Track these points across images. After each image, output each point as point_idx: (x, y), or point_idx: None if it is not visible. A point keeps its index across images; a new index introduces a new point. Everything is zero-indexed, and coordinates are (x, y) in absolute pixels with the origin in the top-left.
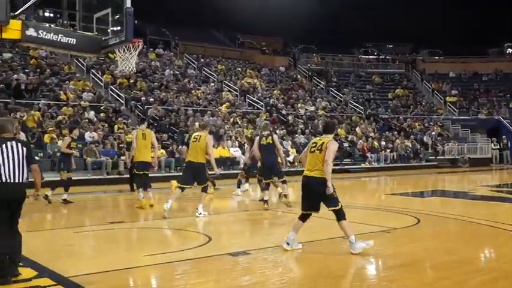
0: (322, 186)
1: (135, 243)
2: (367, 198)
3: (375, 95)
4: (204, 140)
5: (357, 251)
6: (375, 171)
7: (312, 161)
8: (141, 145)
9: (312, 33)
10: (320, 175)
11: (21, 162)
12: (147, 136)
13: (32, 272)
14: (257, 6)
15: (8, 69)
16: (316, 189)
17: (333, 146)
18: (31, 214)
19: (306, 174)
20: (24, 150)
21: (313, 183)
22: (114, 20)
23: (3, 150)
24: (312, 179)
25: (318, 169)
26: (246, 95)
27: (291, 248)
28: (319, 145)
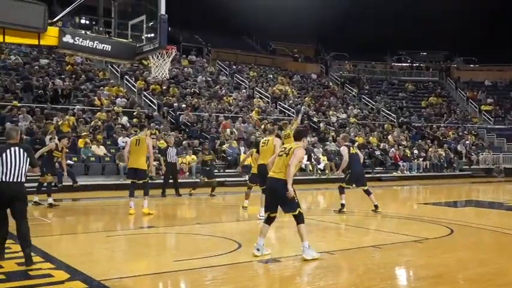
0: (283, 189)
1: (165, 248)
2: (398, 207)
3: (408, 103)
4: (271, 143)
5: (308, 257)
6: (407, 179)
7: (279, 164)
8: (133, 151)
9: (344, 40)
10: (283, 177)
11: (20, 165)
12: (141, 143)
13: (65, 275)
14: (289, 14)
15: (45, 75)
16: (277, 190)
17: (299, 152)
18: (64, 218)
19: (271, 175)
20: (24, 154)
21: (275, 184)
22: (148, 27)
23: (7, 154)
24: (275, 180)
25: (282, 172)
26: (277, 102)
27: (260, 253)
28: (287, 149)
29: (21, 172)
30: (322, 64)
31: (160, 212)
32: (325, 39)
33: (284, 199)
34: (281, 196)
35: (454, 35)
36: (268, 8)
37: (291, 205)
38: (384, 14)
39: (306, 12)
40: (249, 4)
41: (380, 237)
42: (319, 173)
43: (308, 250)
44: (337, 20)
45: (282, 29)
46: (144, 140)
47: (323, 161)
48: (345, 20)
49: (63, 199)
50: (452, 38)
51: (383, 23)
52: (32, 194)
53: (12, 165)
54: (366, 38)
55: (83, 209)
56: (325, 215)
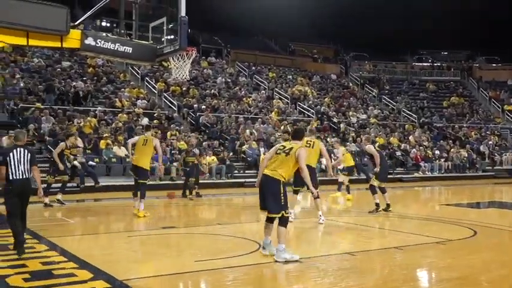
0: (272, 187)
1: (187, 248)
2: (420, 208)
3: (429, 103)
4: (318, 145)
5: (279, 259)
6: (428, 180)
7: (275, 163)
8: (139, 150)
9: (364, 40)
10: (276, 176)
11: (26, 164)
12: (148, 142)
13: (88, 274)
14: (309, 14)
15: (67, 77)
16: (267, 187)
17: (303, 153)
18: (86, 218)
19: (265, 172)
20: (28, 155)
21: (266, 182)
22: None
23: (14, 154)
24: (268, 177)
25: (276, 170)
26: (296, 103)
27: (267, 252)
28: (288, 149)
29: (26, 170)
30: (341, 64)
31: (181, 212)
32: (344, 40)
33: (270, 198)
34: (269, 195)
35: (476, 33)
36: (287, 9)
37: (275, 206)
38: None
39: (325, 13)
40: (268, 5)
41: (401, 238)
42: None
43: (280, 252)
44: (356, 20)
45: (301, 29)
46: (151, 141)
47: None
48: (365, 19)
49: (85, 199)
50: (474, 37)
51: (403, 23)
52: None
53: (19, 164)
54: (386, 38)
55: (104, 209)
56: (345, 215)
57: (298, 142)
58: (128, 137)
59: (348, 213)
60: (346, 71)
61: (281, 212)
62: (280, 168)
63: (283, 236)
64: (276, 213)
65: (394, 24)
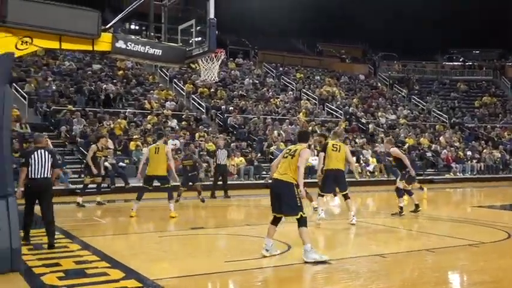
0: (287, 190)
1: (216, 249)
2: (452, 210)
3: (460, 103)
4: (343, 149)
5: (309, 259)
6: (460, 182)
7: (284, 166)
8: (153, 159)
9: (393, 40)
10: (288, 179)
11: (46, 165)
12: (160, 150)
13: (120, 274)
14: (336, 14)
15: (97, 79)
16: (281, 192)
17: (306, 153)
18: (117, 218)
19: (275, 177)
20: (49, 156)
21: (279, 186)
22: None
23: (35, 156)
24: (280, 181)
25: (287, 174)
26: (324, 104)
27: (269, 254)
28: (292, 151)
29: (46, 170)
30: (370, 64)
31: (210, 213)
32: (373, 40)
33: (286, 201)
34: (284, 198)
35: (508, 32)
36: (315, 9)
37: (292, 208)
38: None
39: (353, 13)
40: (295, 5)
41: (433, 240)
42: (368, 175)
43: (309, 253)
44: (385, 20)
45: (329, 29)
46: (163, 148)
47: (372, 163)
48: (393, 19)
49: (115, 200)
50: (506, 35)
51: (433, 22)
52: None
53: (39, 164)
54: (416, 37)
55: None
56: (375, 217)
57: (304, 144)
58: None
59: (378, 215)
60: (375, 71)
61: (299, 213)
62: (289, 171)
63: (307, 236)
64: (294, 214)
65: (423, 23)
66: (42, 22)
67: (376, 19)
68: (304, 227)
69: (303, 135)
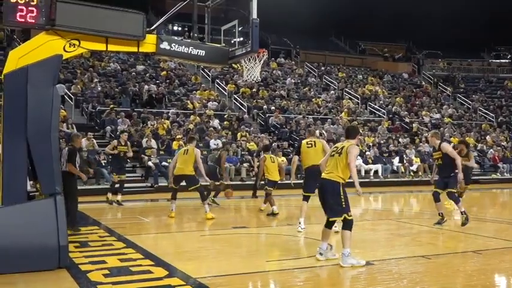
0: (331, 191)
1: (258, 248)
2: (499, 211)
3: (508, 101)
4: (319, 143)
5: (345, 264)
6: (507, 182)
7: (330, 165)
8: (181, 160)
9: (437, 37)
10: (334, 178)
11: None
12: (189, 152)
13: (164, 272)
14: (378, 12)
15: (141, 80)
16: (326, 192)
17: (354, 150)
18: (160, 217)
19: (323, 176)
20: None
21: (325, 186)
22: (240, 31)
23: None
24: (327, 181)
25: (333, 172)
26: (367, 103)
27: (324, 258)
28: (339, 149)
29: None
30: (413, 63)
31: (251, 212)
32: (416, 37)
33: (330, 202)
34: (328, 199)
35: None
36: (356, 8)
37: (336, 210)
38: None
39: (396, 11)
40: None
41: (479, 242)
42: (412, 175)
43: (346, 258)
44: (429, 17)
45: (371, 28)
46: (192, 150)
47: (416, 163)
48: (438, 16)
49: (158, 199)
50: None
51: (479, 18)
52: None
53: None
54: (461, 34)
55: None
56: (418, 218)
57: (352, 141)
58: (200, 139)
59: (422, 215)
60: (419, 70)
61: (343, 214)
62: (335, 170)
63: (348, 240)
64: (338, 216)
65: (469, 19)
66: (89, 25)
67: (419, 16)
68: (348, 231)
69: (351, 131)
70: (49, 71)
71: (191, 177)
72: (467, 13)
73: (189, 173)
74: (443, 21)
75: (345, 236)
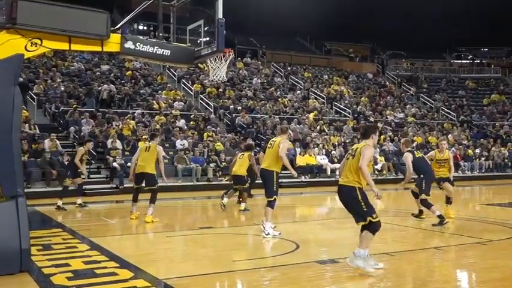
0: (349, 196)
1: (224, 248)
2: (460, 209)
3: (469, 101)
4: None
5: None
6: (468, 180)
7: (345, 169)
8: (142, 157)
9: (401, 38)
10: (349, 183)
11: None
12: (151, 149)
13: (129, 274)
14: (344, 14)
15: (106, 80)
16: (345, 199)
17: (367, 151)
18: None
19: (340, 182)
20: None
21: (342, 193)
22: (205, 31)
23: None
24: (343, 187)
25: (347, 177)
26: (332, 103)
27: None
28: (353, 151)
29: None
30: (378, 63)
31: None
32: (380, 38)
33: (353, 207)
34: (349, 204)
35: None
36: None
37: (359, 214)
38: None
39: (360, 12)
40: (303, 5)
41: (441, 239)
42: (377, 173)
43: (365, 260)
44: (393, 18)
45: (337, 29)
46: (154, 147)
47: (380, 162)
48: (401, 17)
49: (124, 200)
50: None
51: (441, 20)
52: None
53: None
54: (424, 36)
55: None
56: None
57: (366, 141)
58: (166, 139)
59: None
60: (383, 70)
61: (367, 218)
62: (350, 174)
63: (367, 243)
64: (362, 221)
65: (431, 21)
66: (51, 24)
67: (384, 17)
68: (370, 233)
69: (366, 131)
70: (10, 71)
71: (151, 176)
72: (430, 15)
73: (150, 172)
74: (406, 23)
75: (365, 237)
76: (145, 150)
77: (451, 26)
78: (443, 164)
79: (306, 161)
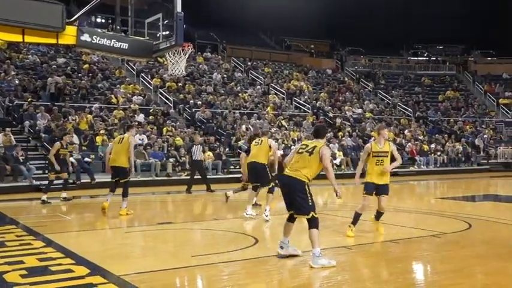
0: (297, 189)
1: (183, 243)
2: (416, 202)
3: (425, 97)
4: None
5: (316, 265)
6: (424, 174)
7: (299, 162)
8: (115, 150)
9: (359, 35)
10: (301, 177)
11: None
12: (124, 140)
13: (85, 270)
14: (304, 9)
15: (62, 73)
16: (291, 190)
17: (327, 152)
18: (83, 214)
19: (287, 173)
20: None
21: (290, 183)
22: (164, 25)
23: None
24: (290, 179)
25: (300, 171)
26: (292, 98)
27: (285, 252)
28: (311, 148)
29: None
30: (337, 59)
31: (178, 208)
32: (340, 34)
33: (297, 200)
34: (294, 197)
35: (472, 27)
36: (283, 4)
37: (303, 208)
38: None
39: (320, 8)
40: (264, 0)
41: (397, 232)
42: (335, 168)
43: (317, 258)
44: (352, 15)
45: (297, 25)
46: (127, 139)
47: (339, 156)
48: (361, 14)
49: (81, 196)
50: (469, 31)
51: (399, 17)
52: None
53: None
54: (382, 33)
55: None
56: (341, 210)
57: (321, 140)
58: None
59: (345, 208)
60: (342, 66)
61: (310, 212)
62: (303, 169)
63: (317, 239)
64: (305, 214)
65: (389, 19)
66: (3, 14)
67: (342, 14)
68: (315, 229)
69: (320, 131)
70: None
71: (121, 169)
72: (387, 12)
73: (122, 165)
74: (365, 20)
75: (314, 235)
76: (119, 142)
77: (408, 23)
78: (381, 158)
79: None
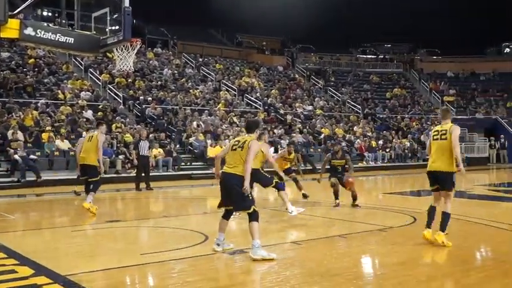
0: (238, 184)
1: (132, 241)
2: (364, 198)
3: (373, 95)
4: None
5: (255, 256)
6: (372, 170)
7: (233, 159)
8: (84, 148)
9: (310, 32)
10: (239, 172)
11: None
12: (93, 138)
13: (29, 271)
14: (256, 6)
15: (6, 68)
16: (231, 185)
17: (255, 145)
18: (28, 213)
19: (225, 170)
20: None
21: (229, 179)
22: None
23: None
24: (230, 175)
25: (237, 166)
26: (244, 95)
27: (221, 249)
28: (241, 143)
29: None
30: (288, 56)
31: (127, 205)
32: (291, 32)
33: (237, 196)
34: (235, 192)
35: (418, 26)
36: (235, 0)
37: (244, 202)
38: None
39: (272, 5)
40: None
41: (346, 226)
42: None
43: (257, 249)
44: (303, 13)
45: (248, 21)
46: (96, 136)
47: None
48: (311, 12)
49: (26, 194)
50: (415, 30)
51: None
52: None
53: None
54: (331, 31)
55: (46, 204)
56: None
57: (252, 135)
58: (72, 130)
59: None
60: (293, 63)
61: (251, 206)
62: (240, 164)
63: (258, 232)
64: (246, 209)
65: (338, 16)
66: None
67: (293, 11)
68: (255, 222)
69: (251, 125)
70: None
71: (92, 168)
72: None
73: (91, 163)
74: (316, 18)
75: (254, 228)
76: (88, 140)
77: (357, 22)
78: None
79: (216, 152)
